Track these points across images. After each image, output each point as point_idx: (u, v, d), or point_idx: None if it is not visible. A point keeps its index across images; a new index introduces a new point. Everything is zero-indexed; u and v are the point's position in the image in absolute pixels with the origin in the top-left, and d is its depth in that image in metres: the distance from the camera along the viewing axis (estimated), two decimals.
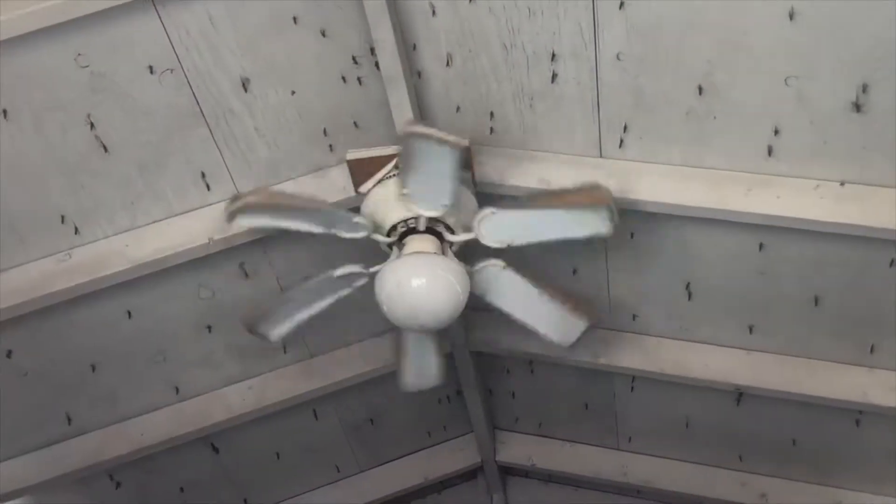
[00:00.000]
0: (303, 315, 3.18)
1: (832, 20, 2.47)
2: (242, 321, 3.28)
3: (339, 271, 3.02)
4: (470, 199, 3.02)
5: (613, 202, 2.78)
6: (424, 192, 2.82)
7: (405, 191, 2.83)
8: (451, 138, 2.61)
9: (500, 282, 3.07)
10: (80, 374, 3.52)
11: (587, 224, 2.87)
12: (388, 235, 2.98)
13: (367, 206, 3.02)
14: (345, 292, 3.09)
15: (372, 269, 3.00)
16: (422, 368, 3.44)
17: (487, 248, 2.95)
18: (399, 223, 2.95)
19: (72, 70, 2.68)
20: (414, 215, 2.92)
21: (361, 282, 3.05)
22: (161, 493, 4.24)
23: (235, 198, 2.92)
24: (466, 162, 3.00)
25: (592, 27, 2.68)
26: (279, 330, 3.24)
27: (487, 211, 2.90)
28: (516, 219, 2.91)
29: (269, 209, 2.91)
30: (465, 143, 2.63)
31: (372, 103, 2.98)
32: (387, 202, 2.96)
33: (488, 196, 3.05)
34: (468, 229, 2.96)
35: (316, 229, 2.93)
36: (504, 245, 2.93)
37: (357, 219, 2.92)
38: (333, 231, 2.93)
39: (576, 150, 3.04)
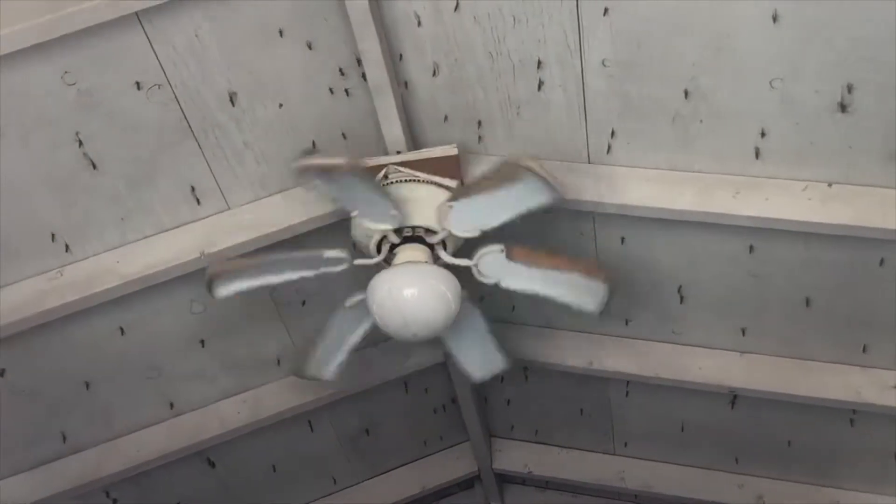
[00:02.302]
0: (346, 347, 3.25)
1: (815, 21, 2.48)
2: (294, 374, 3.41)
3: (350, 302, 3.03)
4: (443, 197, 2.99)
5: (539, 171, 2.67)
6: (472, 214, 2.81)
7: (354, 214, 2.85)
8: (335, 162, 2.61)
9: (507, 264, 3.00)
10: (73, 392, 3.51)
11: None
12: (379, 251, 2.98)
13: (353, 228, 3.01)
14: (321, 270, 3.02)
15: (356, 261, 2.99)
16: (484, 355, 3.42)
17: (476, 240, 2.93)
18: (381, 240, 2.96)
19: (59, 88, 2.68)
20: (382, 233, 2.93)
21: (341, 267, 3.00)
22: None
23: (206, 275, 2.96)
24: (454, 170, 3.00)
25: (577, 34, 2.69)
26: (330, 368, 3.33)
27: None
28: (472, 206, 2.84)
29: (241, 275, 2.93)
30: (355, 159, 2.65)
31: (360, 114, 2.99)
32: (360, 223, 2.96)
33: None
34: (459, 250, 2.97)
35: (303, 275, 2.97)
36: (476, 233, 2.88)
37: (329, 253, 2.93)
38: (321, 271, 2.96)
39: (564, 157, 3.05)
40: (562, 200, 2.73)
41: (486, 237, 2.90)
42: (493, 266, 2.97)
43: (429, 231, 2.94)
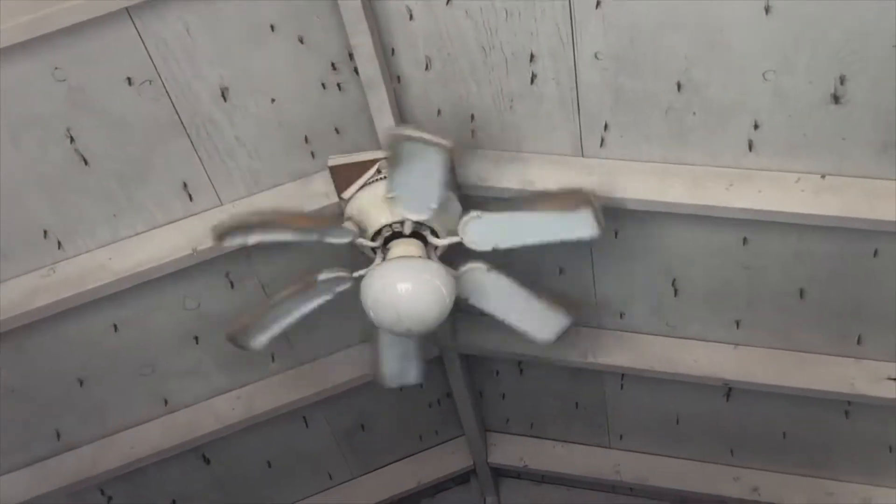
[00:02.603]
0: (285, 322, 3.17)
1: (808, 13, 2.48)
2: (226, 332, 3.27)
3: (323, 276, 3.01)
4: (454, 203, 3.02)
5: (598, 205, 2.78)
6: (411, 196, 2.82)
7: (391, 194, 2.83)
8: (438, 139, 2.60)
9: (484, 284, 3.08)
10: (67, 389, 3.51)
11: (572, 227, 2.88)
12: (373, 240, 2.98)
13: (352, 210, 3.02)
14: (327, 297, 3.08)
15: (356, 274, 3.00)
16: (403, 365, 3.45)
17: (471, 250, 2.95)
18: (384, 227, 2.95)
19: (49, 84, 2.67)
20: (399, 219, 2.92)
21: (344, 286, 3.05)
22: None
23: (218, 226, 2.92)
24: (450, 164, 3.00)
25: (570, 27, 2.68)
26: (261, 338, 3.23)
27: (473, 214, 2.90)
28: (501, 222, 2.92)
29: (255, 227, 2.90)
30: (451, 144, 2.63)
31: (352, 109, 2.98)
32: (371, 206, 2.96)
33: (471, 198, 3.05)
34: (452, 233, 2.96)
35: (310, 237, 2.94)
36: (489, 248, 2.94)
37: (344, 223, 2.93)
38: (326, 238, 2.94)
39: (557, 150, 3.05)
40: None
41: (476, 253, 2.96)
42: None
43: (433, 231, 2.95)
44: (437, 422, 4.56)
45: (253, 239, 2.92)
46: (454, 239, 2.96)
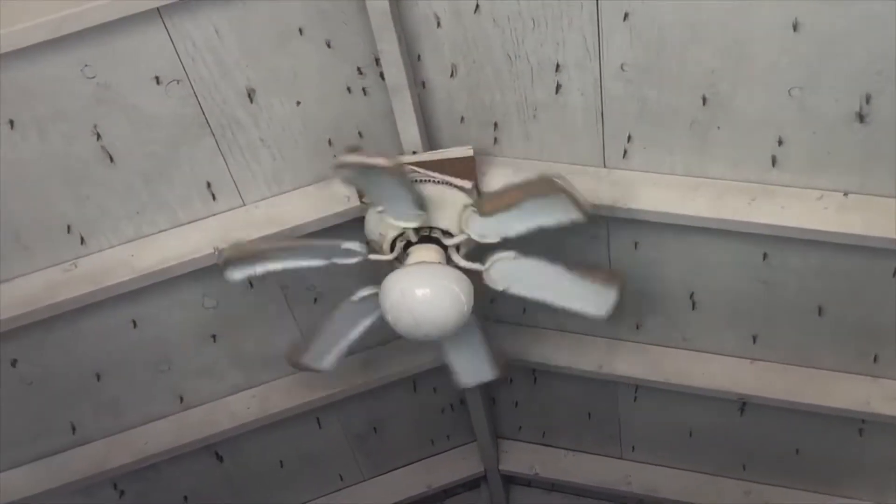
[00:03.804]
0: (344, 343, 3.28)
1: (836, 30, 2.48)
2: (290, 363, 3.41)
3: (358, 295, 3.05)
4: (463, 200, 3.01)
5: (570, 190, 2.70)
6: (393, 207, 2.84)
7: (378, 209, 2.86)
8: (377, 161, 2.62)
9: (518, 271, 3.02)
10: (84, 384, 3.52)
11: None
12: (392, 250, 2.99)
13: (368, 224, 3.03)
14: (376, 314, 3.11)
15: (371, 256, 3.01)
16: (475, 362, 3.45)
17: (486, 245, 2.95)
18: (397, 238, 2.96)
19: (78, 81, 2.68)
20: (401, 230, 2.93)
21: (355, 259, 3.02)
22: (165, 502, 4.24)
23: (220, 255, 2.97)
24: (469, 171, 3.01)
25: (597, 38, 2.69)
26: (328, 360, 3.36)
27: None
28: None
29: (254, 258, 2.93)
30: (388, 162, 2.63)
31: (376, 114, 2.99)
32: (381, 220, 2.97)
33: None
34: (470, 251, 2.98)
35: (315, 263, 2.97)
36: (498, 238, 2.91)
37: (346, 245, 2.94)
38: (333, 261, 2.96)
39: (580, 160, 3.05)
40: (586, 220, 2.74)
41: (501, 244, 2.92)
42: (504, 272, 2.99)
43: (445, 233, 2.95)
44: (449, 427, 4.57)
45: (259, 269, 2.95)
46: (477, 266, 2.97)
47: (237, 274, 2.99)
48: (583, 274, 2.99)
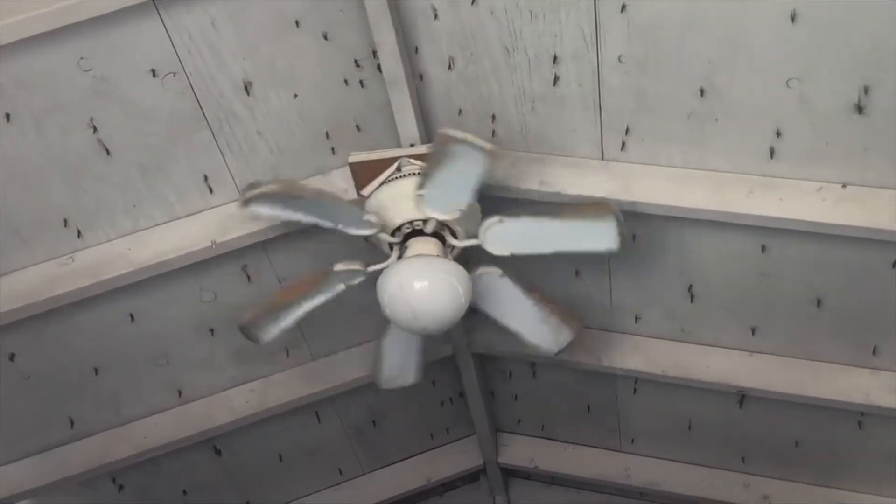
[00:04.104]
0: (297, 314, 3.17)
1: (833, 21, 2.47)
2: (238, 323, 3.28)
3: (339, 267, 3.02)
4: (474, 206, 3.02)
5: (621, 218, 2.79)
6: (442, 195, 2.83)
7: (420, 192, 2.84)
8: (486, 144, 2.63)
9: (495, 289, 3.10)
10: (82, 377, 3.52)
11: (593, 238, 2.91)
12: (393, 235, 2.98)
13: (372, 205, 3.02)
14: (339, 289, 3.08)
15: (370, 268, 3.01)
16: (403, 367, 3.47)
17: (485, 254, 2.96)
18: (405, 224, 2.95)
19: (74, 73, 2.68)
20: (423, 217, 2.92)
21: (358, 279, 3.05)
22: (164, 496, 4.24)
23: (252, 185, 2.91)
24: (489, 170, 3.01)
25: (594, 29, 2.68)
26: (272, 330, 3.23)
27: (494, 219, 2.91)
28: (522, 228, 2.93)
29: (283, 198, 2.89)
30: (496, 150, 2.67)
31: (374, 106, 2.99)
32: (392, 203, 2.96)
33: (488, 199, 3.05)
34: (470, 235, 2.97)
35: (324, 223, 2.93)
36: (507, 253, 2.95)
37: (367, 216, 2.92)
38: (340, 227, 2.93)
39: (577, 153, 3.04)
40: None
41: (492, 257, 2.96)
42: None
43: (452, 232, 2.95)
44: (448, 420, 4.57)
45: (276, 211, 2.91)
46: (473, 241, 2.96)
47: (261, 208, 2.89)
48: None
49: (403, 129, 2.95)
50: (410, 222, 2.94)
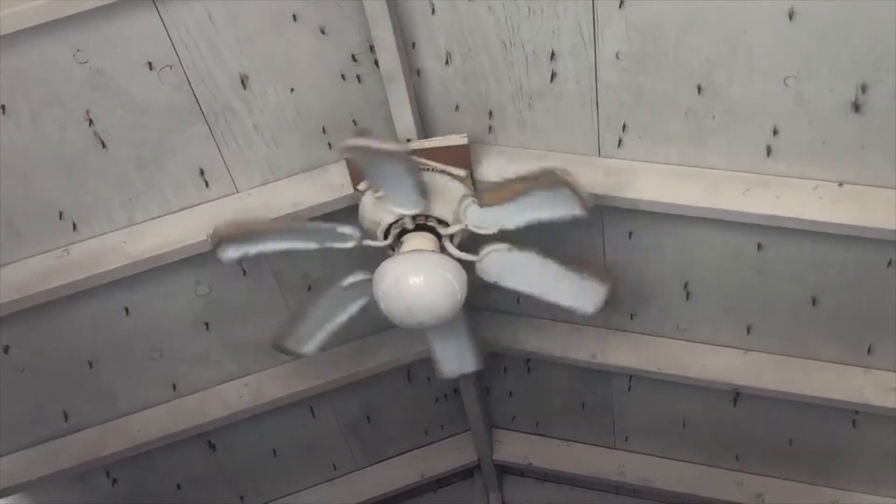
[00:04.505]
0: (329, 327, 3.26)
1: (832, 20, 2.47)
2: (273, 346, 3.38)
3: (347, 281, 3.03)
4: (458, 189, 3.00)
5: (574, 183, 2.70)
6: (395, 193, 2.84)
7: (378, 195, 2.85)
8: (387, 146, 2.63)
9: (511, 263, 3.03)
10: (77, 371, 3.52)
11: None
12: (386, 237, 2.98)
13: (363, 210, 3.02)
14: (363, 301, 3.12)
15: (364, 241, 3.01)
16: (458, 353, 3.45)
17: (489, 236, 2.94)
18: (391, 225, 2.95)
19: (71, 66, 2.67)
20: (398, 217, 2.92)
21: (350, 244, 3.00)
22: (157, 490, 4.24)
23: (213, 233, 2.93)
24: (463, 159, 3.00)
25: (592, 26, 2.68)
26: (310, 346, 3.34)
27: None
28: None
29: (247, 236, 2.91)
30: (399, 147, 2.65)
31: (371, 101, 2.98)
32: (377, 206, 2.96)
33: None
34: (456, 219, 2.97)
35: (305, 246, 2.95)
36: (495, 230, 2.92)
37: (341, 229, 2.92)
38: (326, 245, 2.95)
39: (574, 149, 3.04)
40: (586, 214, 2.74)
41: (495, 236, 2.93)
42: (497, 265, 2.99)
43: (441, 222, 2.94)
44: (443, 416, 4.57)
45: (253, 249, 2.93)
46: (461, 225, 2.95)
47: (230, 253, 2.96)
48: (575, 269, 2.99)
49: (400, 124, 2.95)
50: (395, 222, 2.94)
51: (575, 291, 3.09)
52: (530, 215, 2.83)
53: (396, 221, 2.94)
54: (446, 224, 2.96)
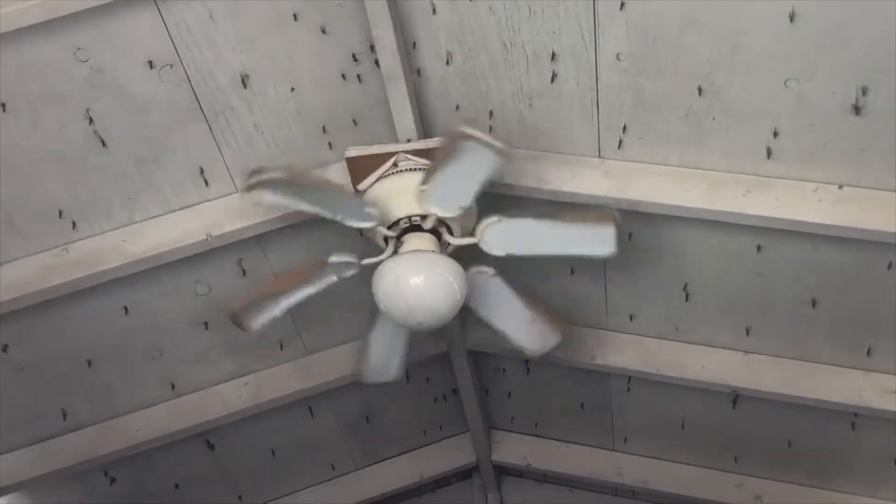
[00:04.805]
0: (286, 304, 3.14)
1: (832, 22, 2.47)
2: (227, 310, 3.22)
3: (333, 258, 3.02)
4: (472, 204, 3.01)
5: (620, 223, 2.79)
6: (445, 192, 2.82)
7: (423, 187, 2.83)
8: (498, 143, 2.62)
9: (486, 289, 3.11)
10: (76, 370, 3.51)
11: (591, 242, 2.91)
12: (390, 230, 2.97)
13: (370, 199, 3.01)
14: (331, 280, 3.08)
15: (364, 261, 3.00)
16: (387, 361, 3.46)
17: (479, 252, 2.95)
18: (403, 219, 2.95)
19: (71, 64, 2.67)
20: (423, 213, 2.91)
21: (351, 271, 3.04)
22: (156, 490, 4.23)
23: (257, 171, 2.84)
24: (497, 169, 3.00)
25: (593, 27, 2.68)
26: (260, 319, 3.19)
27: (494, 219, 2.92)
28: (521, 229, 2.94)
29: (287, 185, 2.87)
30: (507, 149, 2.65)
31: (371, 101, 2.98)
32: (391, 197, 2.95)
33: (486, 195, 3.04)
34: (466, 233, 2.97)
35: (325, 213, 2.91)
36: (504, 254, 2.95)
37: (368, 209, 2.91)
38: (340, 217, 2.91)
39: (574, 150, 3.04)
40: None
41: (481, 213, 2.94)
42: (499, 237, 2.97)
43: (449, 230, 2.95)
44: (441, 417, 4.56)
45: (279, 199, 2.88)
46: (470, 240, 2.96)
47: (268, 197, 2.83)
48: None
49: (401, 124, 2.95)
50: (409, 217, 2.93)
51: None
52: (555, 247, 2.93)
53: (410, 217, 2.94)
54: (452, 233, 2.96)
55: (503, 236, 2.94)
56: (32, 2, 2.47)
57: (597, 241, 2.90)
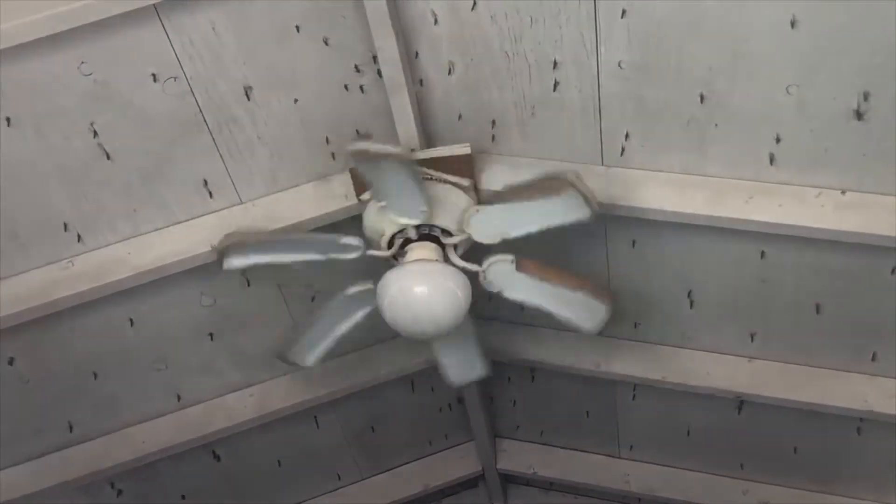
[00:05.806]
0: (333, 336, 3.26)
1: (834, 28, 2.48)
2: (277, 356, 3.39)
3: (351, 290, 3.04)
4: (461, 198, 3.01)
5: (583, 186, 2.71)
6: (398, 203, 2.83)
7: (381, 204, 2.85)
8: (393, 150, 2.62)
9: (515, 276, 3.04)
10: (81, 382, 3.52)
11: (565, 211, 2.84)
12: (390, 247, 2.98)
13: (367, 219, 3.02)
14: (367, 310, 3.12)
15: (369, 252, 3.01)
16: (464, 361, 3.45)
17: (493, 245, 2.95)
18: (395, 235, 2.96)
19: (75, 78, 2.68)
20: (401, 227, 2.93)
21: (353, 254, 3.00)
22: (162, 501, 4.24)
23: (222, 240, 2.94)
24: (466, 169, 3.01)
25: (594, 35, 2.68)
26: (313, 356, 3.34)
27: (472, 209, 2.92)
28: (500, 213, 2.91)
29: (253, 246, 2.92)
30: (401, 150, 2.65)
31: (374, 111, 2.99)
32: (380, 217, 2.96)
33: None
34: (459, 230, 2.97)
35: (310, 257, 2.96)
36: (497, 240, 2.92)
37: (345, 240, 2.92)
38: (330, 256, 2.95)
39: (577, 158, 3.04)
40: (594, 220, 2.74)
41: (500, 245, 2.92)
42: (501, 275, 3.00)
43: (444, 231, 2.95)
44: (447, 426, 4.56)
45: (256, 260, 2.94)
46: (464, 235, 2.96)
47: (234, 263, 2.97)
48: (577, 285, 2.99)
49: (403, 134, 2.95)
50: (398, 232, 2.94)
51: (578, 307, 3.11)
52: (535, 223, 2.84)
53: (399, 231, 2.95)
54: (450, 234, 2.97)
55: (487, 223, 2.93)
56: (37, 16, 2.48)
57: (569, 209, 2.81)
